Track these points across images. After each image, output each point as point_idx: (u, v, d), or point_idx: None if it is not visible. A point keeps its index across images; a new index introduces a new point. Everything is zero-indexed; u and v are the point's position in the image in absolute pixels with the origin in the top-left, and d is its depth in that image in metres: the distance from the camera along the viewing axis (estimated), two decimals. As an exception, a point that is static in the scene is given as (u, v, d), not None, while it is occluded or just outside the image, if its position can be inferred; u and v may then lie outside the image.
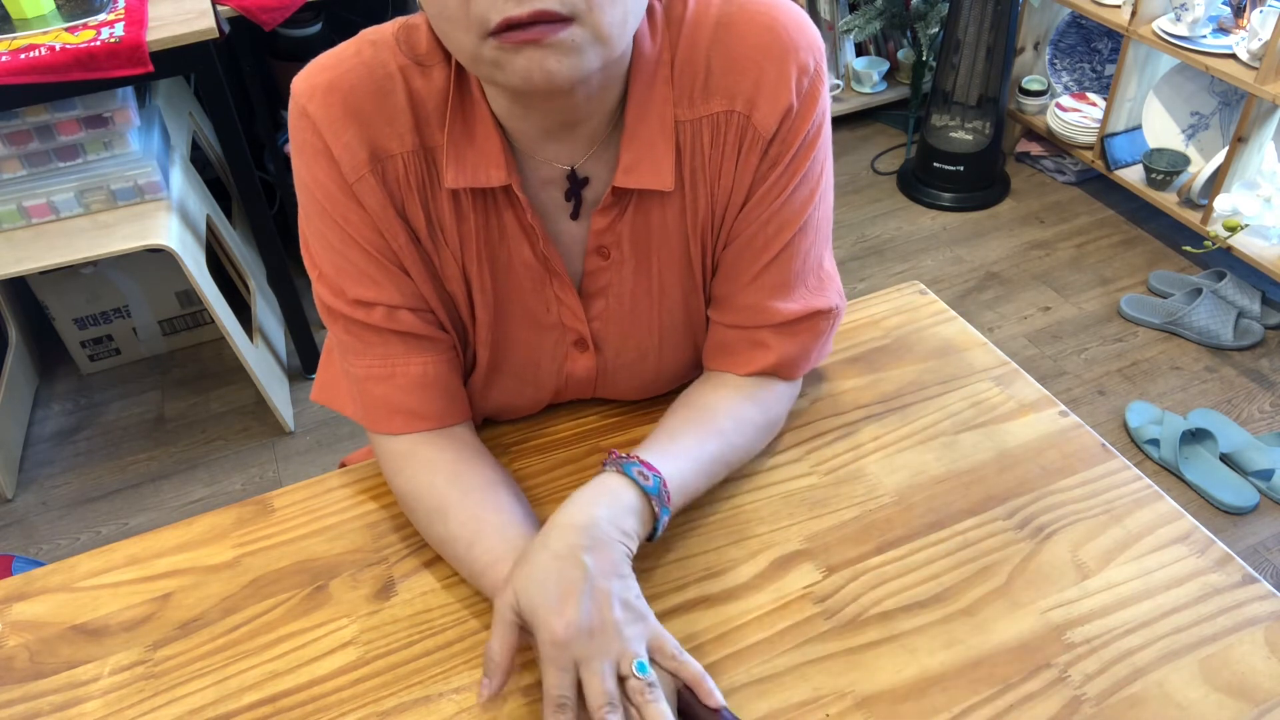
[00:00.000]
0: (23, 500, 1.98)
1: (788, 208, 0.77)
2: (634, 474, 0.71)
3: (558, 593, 0.64)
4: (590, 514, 0.68)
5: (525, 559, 0.67)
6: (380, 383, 0.78)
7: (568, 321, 0.81)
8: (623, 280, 0.80)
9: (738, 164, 0.75)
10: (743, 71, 0.72)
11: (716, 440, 0.79)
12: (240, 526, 0.83)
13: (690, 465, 0.76)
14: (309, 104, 0.70)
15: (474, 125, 0.71)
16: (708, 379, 0.84)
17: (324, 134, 0.70)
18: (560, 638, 0.63)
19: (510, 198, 0.74)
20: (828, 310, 0.82)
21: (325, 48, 0.72)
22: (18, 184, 1.73)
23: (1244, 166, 2.18)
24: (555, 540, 0.67)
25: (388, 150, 0.71)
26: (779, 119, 0.73)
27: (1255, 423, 1.98)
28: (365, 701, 0.70)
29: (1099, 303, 2.31)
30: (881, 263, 2.47)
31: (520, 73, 0.60)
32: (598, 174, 0.75)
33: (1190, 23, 2.16)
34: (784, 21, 0.72)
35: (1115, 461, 0.86)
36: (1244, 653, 0.71)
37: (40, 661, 0.74)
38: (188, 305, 2.25)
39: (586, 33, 0.60)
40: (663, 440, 0.77)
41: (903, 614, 0.74)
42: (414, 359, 0.77)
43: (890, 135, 2.96)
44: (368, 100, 0.70)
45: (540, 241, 0.76)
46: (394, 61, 0.70)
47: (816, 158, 0.77)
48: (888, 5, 2.66)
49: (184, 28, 1.65)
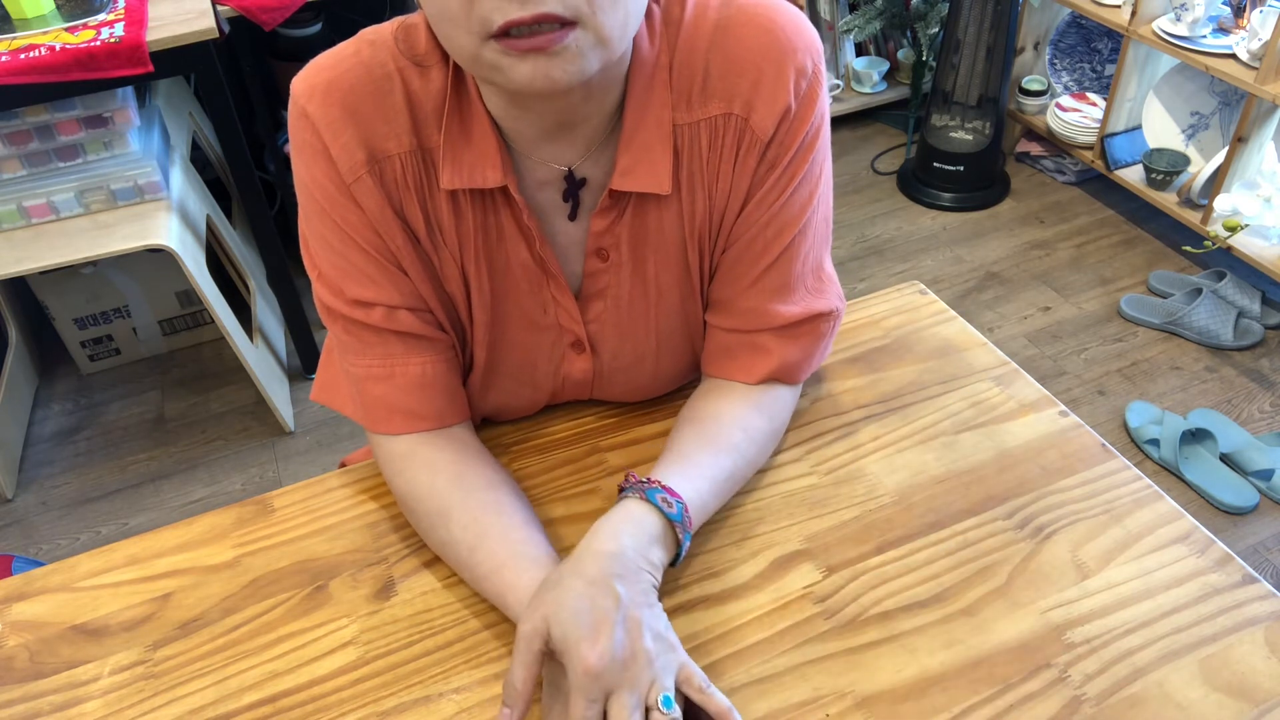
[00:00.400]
0: (23, 500, 1.98)
1: (786, 210, 0.76)
2: (657, 501, 0.71)
3: (591, 622, 0.63)
4: (619, 543, 0.68)
5: (555, 586, 0.66)
6: (379, 382, 0.78)
7: (564, 323, 0.81)
8: (620, 283, 0.80)
9: (735, 167, 0.75)
10: (741, 74, 0.72)
11: (730, 456, 0.79)
12: (240, 526, 0.83)
13: (708, 485, 0.76)
14: (308, 104, 0.70)
15: (471, 126, 0.71)
16: (712, 388, 0.84)
17: (323, 134, 0.70)
18: (594, 668, 0.61)
19: (508, 199, 0.74)
20: (828, 312, 0.82)
21: (325, 48, 0.72)
22: (18, 184, 1.73)
23: (1244, 166, 2.18)
24: (588, 567, 0.66)
25: (385, 151, 0.71)
26: (776, 121, 0.72)
27: (1255, 423, 1.98)
28: (365, 701, 0.70)
29: (1099, 303, 2.31)
30: (881, 263, 2.47)
31: (523, 77, 0.60)
32: (595, 176, 0.75)
33: (1190, 23, 2.16)
34: (782, 23, 0.72)
35: (1115, 461, 0.86)
36: (1244, 653, 0.71)
37: (40, 661, 0.74)
38: (188, 305, 2.25)
39: (589, 36, 0.60)
40: (677, 460, 0.76)
41: (903, 614, 0.74)
42: (413, 359, 0.77)
43: (890, 135, 2.96)
44: (366, 101, 0.70)
45: (537, 243, 0.76)
46: (392, 62, 0.70)
47: (815, 160, 0.76)
48: (888, 5, 2.66)
49: (184, 28, 1.65)
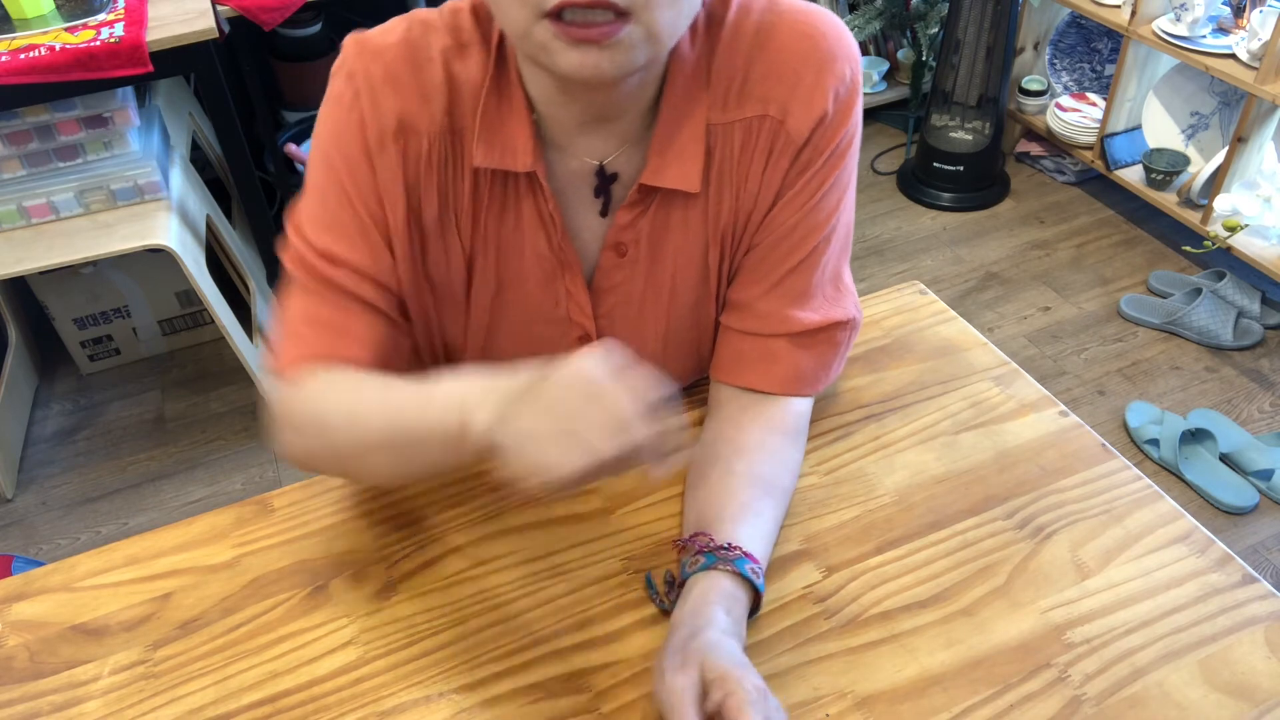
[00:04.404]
0: (23, 500, 1.98)
1: (814, 215, 0.77)
2: (747, 572, 0.71)
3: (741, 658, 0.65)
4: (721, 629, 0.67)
5: (707, 639, 0.65)
6: (314, 325, 0.74)
7: (575, 317, 0.81)
8: (634, 279, 0.80)
9: (766, 169, 0.75)
10: (780, 78, 0.72)
11: (782, 500, 0.79)
12: (240, 526, 0.83)
13: (768, 543, 0.77)
14: (355, 62, 0.71)
15: (507, 110, 0.72)
16: (742, 413, 0.81)
17: (361, 94, 0.71)
18: (761, 686, 0.63)
19: (533, 186, 0.74)
20: (846, 321, 0.82)
21: (325, 47, 0.73)
22: (18, 184, 1.73)
23: (1244, 166, 2.18)
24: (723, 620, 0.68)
25: (416, 127, 0.71)
26: (812, 125, 0.73)
27: (1255, 423, 1.98)
28: (365, 701, 0.70)
29: (1099, 303, 2.31)
30: (881, 263, 2.47)
31: (570, 64, 0.61)
32: (626, 171, 0.76)
33: (1190, 23, 2.16)
34: (824, 31, 0.73)
35: (1115, 461, 0.86)
36: (1244, 653, 0.71)
37: (40, 661, 0.74)
38: (188, 305, 2.25)
39: (640, 30, 0.60)
40: (743, 516, 0.75)
41: (903, 614, 0.74)
42: (359, 319, 0.74)
43: (890, 135, 2.95)
44: (407, 75, 0.71)
45: (558, 233, 0.76)
46: (437, 43, 0.71)
47: (846, 168, 0.77)
48: (888, 5, 2.66)
49: (184, 28, 1.66)
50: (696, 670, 0.62)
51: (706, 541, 0.72)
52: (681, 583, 0.72)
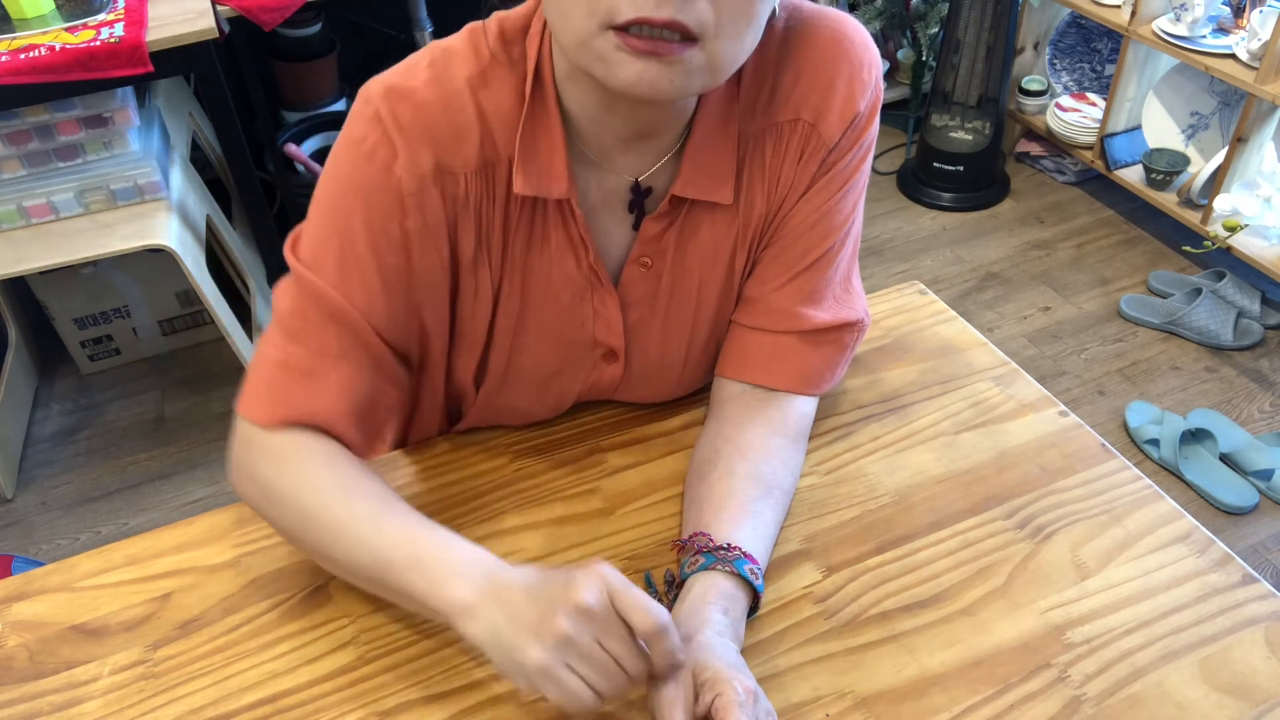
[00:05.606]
0: (23, 500, 1.98)
1: (833, 215, 0.77)
2: (746, 573, 0.71)
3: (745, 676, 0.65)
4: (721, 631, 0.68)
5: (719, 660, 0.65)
6: (292, 371, 0.71)
7: (600, 336, 0.80)
8: (659, 291, 0.79)
9: (797, 170, 0.76)
10: (812, 82, 0.73)
11: (783, 503, 0.79)
12: (240, 526, 0.83)
13: (768, 539, 0.76)
14: (382, 106, 0.68)
15: (543, 134, 0.70)
16: (744, 411, 0.81)
17: (394, 138, 0.68)
18: (752, 688, 0.63)
19: (563, 210, 0.73)
20: (854, 322, 0.82)
21: (325, 48, 0.72)
22: (18, 184, 1.73)
23: (1244, 166, 2.18)
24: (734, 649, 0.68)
25: (452, 168, 0.69)
26: (844, 128, 0.74)
27: (1255, 423, 1.98)
28: (365, 701, 0.70)
29: (1099, 303, 2.31)
30: (881, 263, 2.47)
31: (628, 76, 0.60)
32: (659, 184, 0.75)
33: (1190, 23, 2.16)
34: (851, 36, 0.73)
35: (1115, 461, 0.86)
36: (1244, 653, 0.71)
37: (40, 661, 0.74)
38: (188, 305, 2.25)
39: (703, 57, 0.61)
40: (742, 517, 0.75)
41: (903, 614, 0.74)
42: (343, 369, 0.71)
43: (890, 135, 2.95)
44: (439, 117, 0.68)
45: (590, 255, 0.75)
46: (462, 73, 0.69)
47: (865, 171, 0.78)
48: (888, 5, 2.66)
49: (184, 28, 1.65)
50: (687, 674, 0.63)
51: (706, 541, 0.72)
52: (681, 582, 0.72)
